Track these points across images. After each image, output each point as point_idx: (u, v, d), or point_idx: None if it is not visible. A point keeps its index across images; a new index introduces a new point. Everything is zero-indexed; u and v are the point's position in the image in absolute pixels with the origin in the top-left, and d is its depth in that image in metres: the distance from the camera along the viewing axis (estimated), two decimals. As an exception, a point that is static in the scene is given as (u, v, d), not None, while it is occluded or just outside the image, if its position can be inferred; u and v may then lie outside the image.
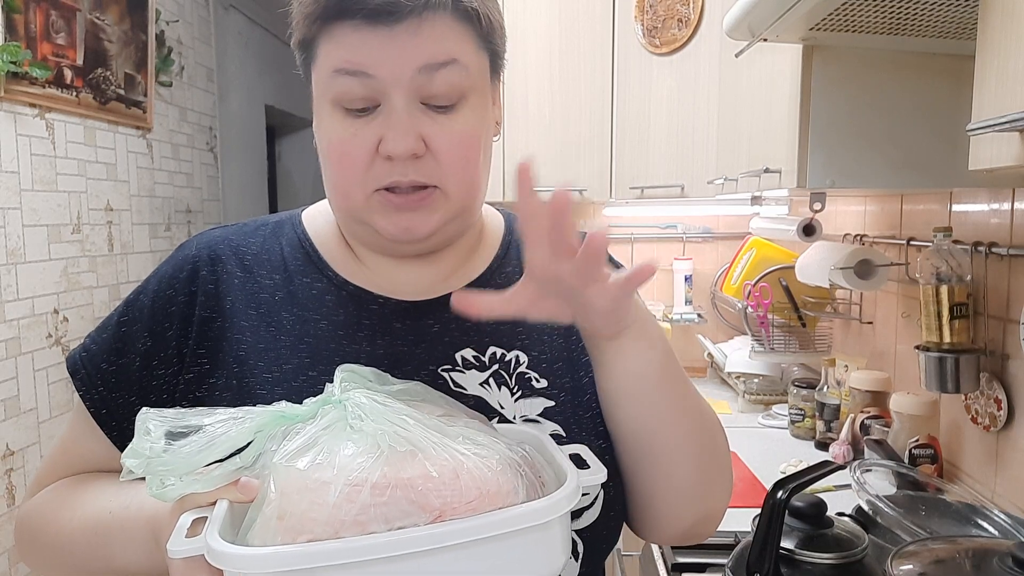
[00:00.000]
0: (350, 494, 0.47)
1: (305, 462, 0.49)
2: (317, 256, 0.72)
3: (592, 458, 0.59)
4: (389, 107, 0.61)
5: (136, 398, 0.68)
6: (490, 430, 0.57)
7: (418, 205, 0.64)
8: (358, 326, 0.69)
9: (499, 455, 0.51)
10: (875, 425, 1.62)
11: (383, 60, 0.60)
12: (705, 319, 2.49)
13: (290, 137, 4.70)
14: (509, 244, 0.77)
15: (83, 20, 2.19)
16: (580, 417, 0.69)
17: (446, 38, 0.61)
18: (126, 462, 0.51)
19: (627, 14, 2.20)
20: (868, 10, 1.01)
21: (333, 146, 0.64)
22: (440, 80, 0.61)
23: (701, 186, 2.01)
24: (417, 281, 0.72)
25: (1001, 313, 1.34)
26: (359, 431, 0.50)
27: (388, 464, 0.48)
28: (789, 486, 0.81)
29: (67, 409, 2.21)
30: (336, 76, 0.61)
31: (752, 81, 1.51)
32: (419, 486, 0.48)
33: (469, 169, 0.65)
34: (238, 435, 0.52)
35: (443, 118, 0.62)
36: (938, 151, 1.22)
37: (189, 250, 0.72)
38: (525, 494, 0.50)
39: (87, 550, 0.65)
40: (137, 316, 0.69)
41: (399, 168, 0.62)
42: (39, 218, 2.07)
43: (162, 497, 0.51)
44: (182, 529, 0.50)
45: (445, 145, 0.62)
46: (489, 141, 0.69)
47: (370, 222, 0.65)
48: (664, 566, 1.25)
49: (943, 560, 0.83)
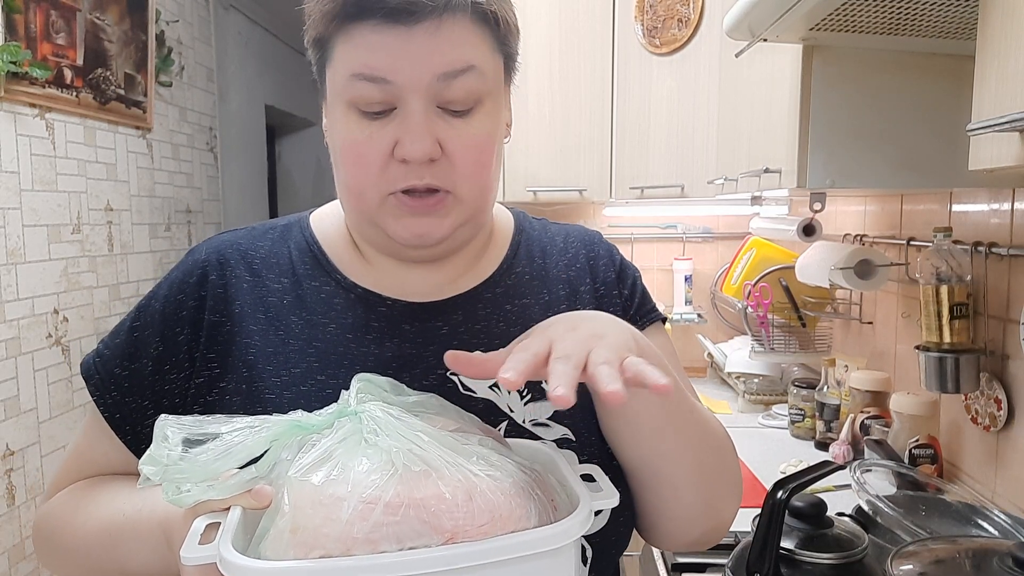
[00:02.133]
0: (363, 511, 0.47)
1: (320, 476, 0.49)
2: (325, 259, 0.72)
3: (605, 480, 0.58)
4: (406, 111, 0.61)
5: (148, 402, 0.68)
6: (504, 449, 0.57)
7: (432, 209, 0.64)
8: (367, 329, 0.69)
9: (512, 477, 0.51)
10: (875, 425, 1.62)
11: (402, 65, 0.60)
12: (705, 319, 2.49)
13: (290, 137, 4.70)
14: (519, 244, 0.77)
15: (83, 20, 2.19)
16: (591, 422, 0.69)
17: (464, 42, 0.61)
18: (143, 469, 0.51)
19: (627, 14, 2.20)
20: (868, 10, 1.01)
21: (348, 147, 0.63)
22: (458, 87, 0.61)
23: (701, 186, 2.01)
24: (426, 283, 0.71)
25: (1001, 313, 1.34)
26: (374, 446, 0.50)
27: (402, 483, 0.48)
28: (789, 486, 0.81)
29: (67, 409, 2.21)
30: (354, 80, 0.61)
31: (752, 81, 1.51)
32: (432, 507, 0.48)
33: (482, 174, 0.65)
34: (254, 444, 0.52)
35: (459, 123, 0.62)
36: (938, 151, 1.22)
37: (199, 255, 0.72)
38: (537, 518, 0.50)
39: (101, 552, 0.65)
40: (149, 321, 0.70)
41: (415, 172, 0.62)
42: (39, 218, 2.07)
43: (178, 503, 0.51)
44: (195, 535, 0.51)
45: (460, 150, 0.62)
46: (501, 144, 0.69)
47: (382, 225, 0.65)
48: (664, 566, 1.26)
49: (943, 560, 0.83)
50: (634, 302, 0.78)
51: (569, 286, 0.76)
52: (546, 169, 2.31)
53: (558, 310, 0.74)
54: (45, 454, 2.11)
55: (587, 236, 0.81)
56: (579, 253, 0.78)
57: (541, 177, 2.31)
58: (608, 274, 0.77)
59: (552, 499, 0.53)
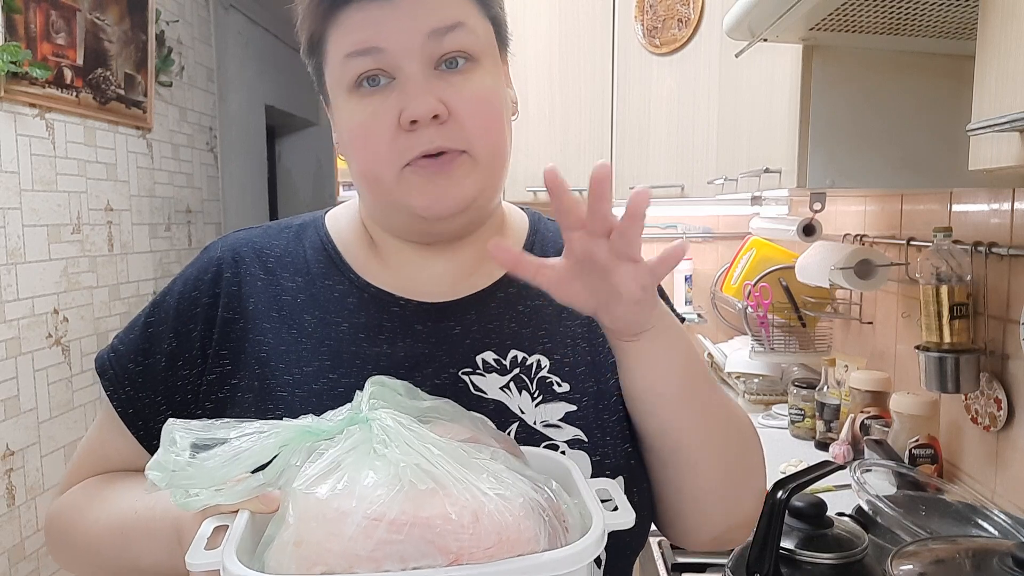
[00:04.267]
0: (367, 528, 0.47)
1: (325, 489, 0.49)
2: (339, 258, 0.72)
3: (621, 498, 0.57)
4: (404, 77, 0.61)
5: (161, 398, 0.69)
6: (516, 462, 0.56)
7: (450, 169, 0.63)
8: (379, 328, 0.69)
9: (523, 497, 0.50)
10: (875, 425, 1.62)
11: (391, 31, 0.60)
12: (705, 319, 2.49)
13: (290, 137, 4.70)
14: (533, 244, 0.77)
15: (83, 20, 2.19)
16: (604, 421, 0.68)
17: (449, 3, 0.62)
18: (149, 474, 0.51)
19: (627, 14, 2.20)
20: (868, 10, 1.01)
21: (355, 129, 0.64)
22: (450, 42, 0.62)
23: (701, 186, 2.01)
24: (438, 280, 0.71)
25: (1001, 313, 1.34)
26: (382, 457, 0.50)
27: (408, 500, 0.48)
28: (789, 486, 0.81)
29: (67, 409, 2.21)
30: (348, 60, 0.62)
31: (752, 81, 1.51)
32: (437, 527, 0.47)
33: (493, 129, 0.65)
34: (262, 450, 0.51)
35: (458, 79, 0.63)
36: (938, 151, 1.22)
37: (214, 252, 0.73)
38: (547, 542, 0.49)
39: (113, 550, 0.65)
40: (163, 317, 0.70)
41: (425, 136, 0.62)
42: (39, 218, 2.07)
43: (186, 507, 0.51)
44: (202, 539, 0.51)
45: (465, 106, 0.62)
46: (508, 108, 0.68)
47: (404, 201, 0.64)
48: (664, 566, 1.25)
49: (943, 560, 0.83)
50: None
51: None
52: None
53: (571, 312, 0.73)
54: (45, 454, 2.11)
55: None
56: None
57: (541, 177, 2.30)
58: None
59: (564, 520, 0.52)
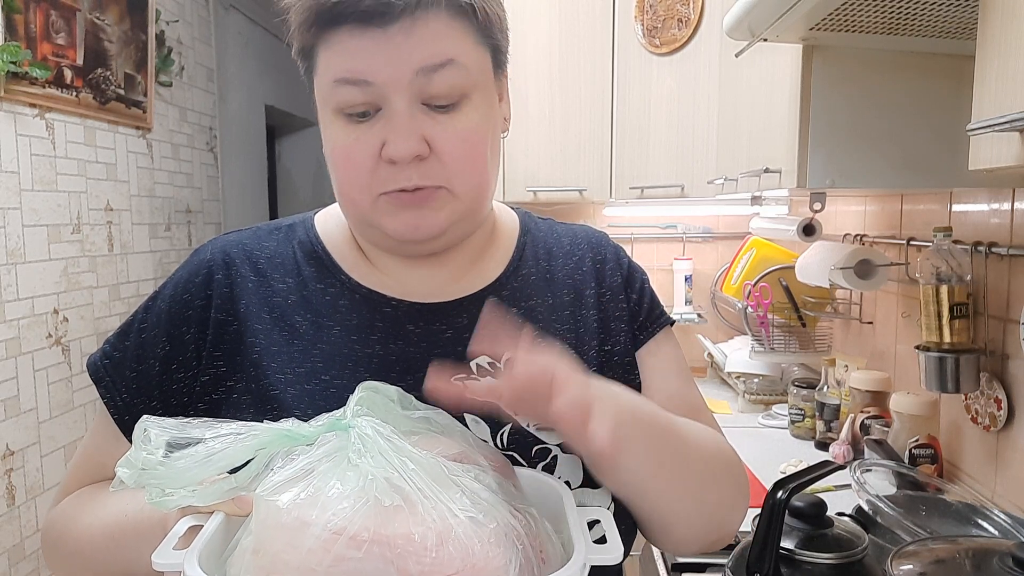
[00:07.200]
0: (327, 542, 0.45)
1: (288, 497, 0.47)
2: (329, 259, 0.72)
3: (612, 530, 0.55)
4: (390, 111, 0.61)
5: (157, 403, 0.69)
6: (502, 485, 0.53)
7: (424, 202, 0.63)
8: (371, 329, 0.69)
9: (497, 522, 0.47)
10: (875, 425, 1.62)
11: (381, 65, 0.60)
12: (705, 319, 2.49)
13: (290, 137, 4.70)
14: (524, 246, 0.76)
15: (83, 20, 2.19)
16: None
17: (442, 37, 0.61)
18: (118, 471, 0.51)
19: (627, 14, 2.20)
20: (868, 10, 1.01)
21: (337, 152, 0.64)
22: (439, 81, 0.61)
23: (701, 186, 2.01)
24: (429, 282, 0.71)
25: (1001, 313, 1.34)
26: (355, 467, 0.48)
27: (372, 515, 0.45)
28: (789, 486, 0.80)
29: (67, 409, 2.21)
30: (337, 86, 0.62)
31: (752, 81, 1.51)
32: (399, 547, 0.44)
33: (475, 168, 0.64)
34: (236, 452, 0.50)
35: (445, 118, 0.62)
36: (938, 151, 1.22)
37: (204, 255, 0.72)
38: (517, 571, 0.46)
39: (107, 554, 0.65)
40: (155, 321, 0.70)
41: (404, 173, 0.62)
42: (39, 218, 2.07)
43: (161, 506, 0.51)
44: (173, 538, 0.50)
45: (448, 145, 0.62)
46: (496, 138, 0.68)
47: (378, 225, 0.65)
48: (664, 566, 1.25)
49: (943, 560, 0.83)
50: (642, 307, 0.77)
51: (574, 290, 0.75)
52: (546, 169, 2.31)
53: (562, 314, 0.73)
54: (45, 454, 2.10)
55: (594, 238, 0.80)
56: (585, 256, 0.78)
57: (541, 177, 2.31)
58: (614, 279, 0.77)
59: (541, 549, 0.49)
